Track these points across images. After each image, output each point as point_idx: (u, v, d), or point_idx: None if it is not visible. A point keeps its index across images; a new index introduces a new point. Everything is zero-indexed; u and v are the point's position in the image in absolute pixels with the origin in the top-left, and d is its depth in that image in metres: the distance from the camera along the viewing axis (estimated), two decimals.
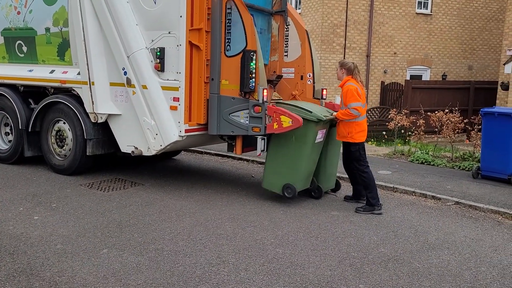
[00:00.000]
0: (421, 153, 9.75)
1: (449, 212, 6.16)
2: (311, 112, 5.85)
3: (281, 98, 7.39)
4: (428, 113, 10.14)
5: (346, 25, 15.81)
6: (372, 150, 10.98)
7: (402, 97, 14.97)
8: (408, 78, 16.63)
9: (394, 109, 11.65)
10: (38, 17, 7.06)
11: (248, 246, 4.57)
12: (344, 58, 15.85)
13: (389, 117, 11.34)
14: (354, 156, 6.01)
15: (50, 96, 7.09)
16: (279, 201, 6.22)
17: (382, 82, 16.65)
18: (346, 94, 5.84)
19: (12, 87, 7.50)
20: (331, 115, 6.19)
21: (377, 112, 14.93)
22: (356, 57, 16.16)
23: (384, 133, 12.02)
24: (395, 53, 16.76)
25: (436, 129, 10.02)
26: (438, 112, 10.04)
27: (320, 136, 6.10)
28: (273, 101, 6.68)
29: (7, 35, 7.47)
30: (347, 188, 7.11)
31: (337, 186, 6.87)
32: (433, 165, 9.05)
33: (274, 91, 7.46)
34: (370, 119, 14.25)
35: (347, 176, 6.58)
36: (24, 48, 7.34)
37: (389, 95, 16.36)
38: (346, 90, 5.86)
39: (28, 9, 7.14)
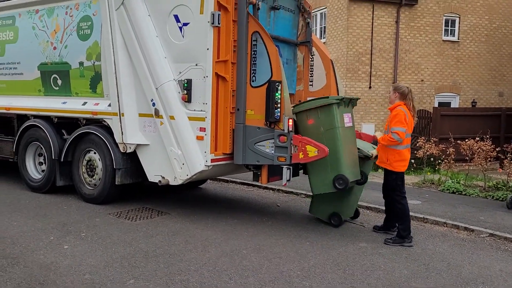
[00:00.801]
0: (452, 182, 9.50)
1: (483, 244, 5.93)
2: (327, 97, 6.10)
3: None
4: (458, 141, 9.93)
5: (371, 53, 15.83)
6: None
7: (431, 124, 14.73)
8: (436, 105, 16.39)
9: (423, 137, 11.45)
10: (72, 52, 7.38)
11: (274, 278, 4.50)
12: (370, 86, 15.84)
13: (417, 145, 11.15)
14: (390, 185, 5.86)
15: (82, 127, 7.32)
16: (305, 231, 6.14)
17: None
18: (394, 118, 5.64)
19: (47, 118, 7.79)
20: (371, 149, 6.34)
21: None
22: (382, 85, 16.10)
23: (412, 161, 11.77)
24: (422, 80, 16.61)
25: (467, 158, 9.77)
26: (469, 140, 9.82)
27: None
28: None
29: (43, 69, 7.81)
30: (373, 219, 6.97)
31: (356, 214, 6.74)
32: (465, 194, 8.79)
33: None
34: None
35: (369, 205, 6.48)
36: (59, 82, 7.66)
37: (417, 122, 16.10)
38: (395, 113, 5.67)
39: (64, 44, 7.48)
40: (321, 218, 6.57)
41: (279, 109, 5.83)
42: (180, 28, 6.28)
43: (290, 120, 5.84)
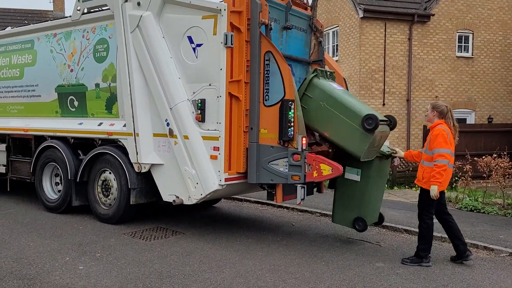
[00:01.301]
0: (470, 200, 9.33)
1: (503, 264, 5.78)
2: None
3: None
4: (475, 158, 9.78)
5: (384, 70, 15.83)
6: (416, 196, 10.59)
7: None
8: None
9: None
10: (89, 73, 7.53)
11: None
12: (384, 103, 15.78)
13: None
14: (421, 202, 5.67)
15: (98, 148, 7.41)
16: (321, 250, 6.06)
17: (424, 126, 16.30)
18: (436, 138, 5.39)
19: (63, 139, 7.91)
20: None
21: None
22: (396, 102, 16.04)
23: None
24: (436, 96, 16.50)
25: (485, 175, 9.60)
26: (486, 156, 9.67)
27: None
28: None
29: (60, 91, 7.97)
30: (389, 238, 6.86)
31: (381, 219, 6.65)
32: (484, 212, 8.61)
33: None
34: (413, 164, 13.87)
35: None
36: (76, 103, 7.80)
37: None
38: (437, 133, 5.42)
39: (80, 66, 7.64)
40: (345, 226, 6.56)
41: (292, 128, 5.83)
42: (194, 49, 6.37)
43: (304, 139, 5.83)
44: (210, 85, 6.20)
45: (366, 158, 6.05)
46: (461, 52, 16.83)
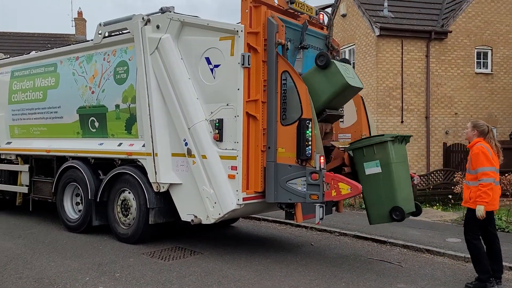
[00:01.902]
0: (496, 219, 9.08)
1: None
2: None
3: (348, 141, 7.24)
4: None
5: (402, 88, 15.75)
6: (438, 215, 10.42)
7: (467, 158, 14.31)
8: None
9: (459, 172, 11.11)
10: (109, 95, 7.69)
11: None
12: (402, 120, 15.65)
13: (454, 180, 10.82)
14: (466, 222, 5.46)
15: (117, 167, 7.51)
16: (341, 271, 5.97)
17: (444, 144, 16.10)
18: (477, 156, 5.23)
19: (84, 159, 8.05)
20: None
21: (441, 174, 14.31)
22: (415, 119, 15.89)
23: (450, 197, 11.42)
24: (456, 113, 16.31)
25: (508, 193, 9.37)
26: (509, 174, 9.45)
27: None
28: (340, 147, 6.83)
29: (82, 113, 8.15)
30: (411, 258, 6.71)
31: (418, 210, 6.61)
32: (508, 232, 8.38)
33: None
34: (434, 182, 13.66)
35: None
36: (96, 124, 7.95)
37: (453, 156, 15.72)
38: (477, 151, 5.26)
39: (101, 88, 7.82)
40: (383, 222, 6.41)
41: (310, 147, 5.82)
42: (212, 69, 6.47)
43: (322, 158, 5.81)
44: (227, 105, 6.26)
45: (355, 84, 6.33)
46: (480, 68, 16.66)
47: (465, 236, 5.51)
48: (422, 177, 13.66)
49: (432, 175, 14.19)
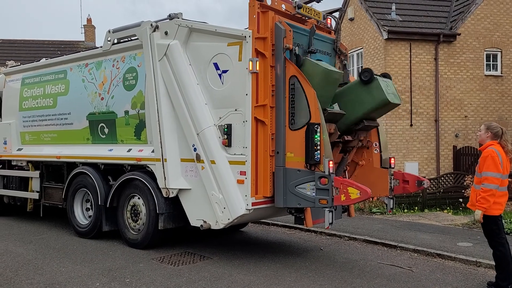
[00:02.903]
0: (505, 222, 8.98)
1: None
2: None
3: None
4: (509, 179, 9.45)
5: (411, 91, 15.66)
6: (448, 219, 10.33)
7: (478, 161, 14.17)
8: None
9: (470, 175, 11.02)
10: (118, 101, 7.75)
11: None
12: (411, 123, 15.56)
13: (465, 183, 10.72)
14: (485, 231, 5.37)
15: (127, 173, 7.55)
16: (351, 276, 5.93)
17: (454, 147, 15.97)
18: (485, 160, 5.19)
19: (94, 165, 8.11)
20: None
21: (451, 178, 14.19)
22: (424, 122, 15.79)
23: (460, 200, 11.32)
24: (466, 116, 16.17)
25: None
26: None
27: None
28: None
29: (91, 119, 8.22)
30: (421, 262, 6.65)
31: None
32: None
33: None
34: (444, 185, 13.55)
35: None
36: (106, 130, 8.01)
37: (463, 160, 15.58)
38: (486, 155, 5.19)
39: (111, 95, 7.88)
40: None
41: (319, 151, 5.81)
42: (220, 75, 6.50)
43: (331, 162, 5.80)
44: (236, 110, 6.28)
45: (393, 101, 6.63)
46: (490, 70, 16.52)
47: (490, 244, 5.37)
48: (432, 181, 13.54)
49: (442, 178, 14.06)
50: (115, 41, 7.85)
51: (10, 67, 10.98)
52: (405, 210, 11.52)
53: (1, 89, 10.30)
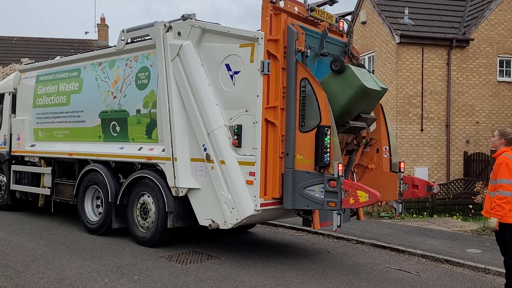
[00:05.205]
0: None
1: None
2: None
3: None
4: None
5: (422, 96, 15.58)
6: (458, 225, 10.25)
7: (489, 168, 14.05)
8: None
9: (481, 182, 10.94)
10: (130, 100, 7.83)
11: None
12: (422, 128, 15.48)
13: (475, 190, 10.65)
14: (498, 239, 5.26)
15: (137, 171, 7.63)
16: (358, 279, 5.93)
17: (465, 153, 15.85)
18: (500, 167, 5.11)
19: (105, 163, 8.20)
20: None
21: (461, 184, 14.09)
22: (435, 127, 15.70)
23: (470, 207, 11.24)
24: (477, 122, 16.05)
25: None
26: None
27: None
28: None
29: (103, 117, 8.32)
30: (429, 268, 6.62)
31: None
32: None
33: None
34: (454, 191, 13.46)
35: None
36: (117, 128, 8.10)
37: (473, 166, 15.46)
38: (501, 161, 5.14)
39: (123, 93, 7.96)
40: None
41: (328, 154, 5.83)
42: (231, 76, 6.54)
43: (340, 165, 5.80)
44: (246, 111, 6.32)
45: (373, 86, 6.41)
46: (503, 76, 16.38)
47: (502, 252, 5.28)
48: (441, 186, 13.46)
49: (452, 184, 13.97)
50: (129, 40, 7.94)
51: (25, 64, 11.15)
52: (414, 215, 11.47)
53: (16, 86, 10.46)
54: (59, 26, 59.62)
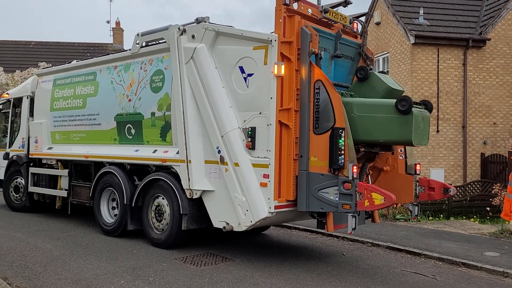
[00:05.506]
0: None
1: None
2: None
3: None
4: None
5: (438, 97, 15.39)
6: (475, 228, 10.10)
7: (507, 169, 13.81)
8: None
9: (498, 184, 10.76)
10: (145, 103, 7.90)
11: None
12: (438, 129, 15.29)
13: (493, 192, 10.48)
14: None
15: (152, 174, 7.69)
16: (373, 283, 5.88)
17: (482, 154, 15.60)
18: None
19: (120, 165, 8.28)
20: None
21: (478, 186, 13.87)
22: (451, 128, 15.49)
23: (488, 209, 11.06)
24: (494, 123, 15.78)
25: None
26: None
27: None
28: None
29: (119, 120, 8.41)
30: (446, 271, 6.54)
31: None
32: None
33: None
34: (471, 193, 13.25)
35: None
36: (132, 131, 8.18)
37: (491, 167, 15.21)
38: None
39: (138, 96, 8.04)
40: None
41: (343, 156, 5.80)
42: (245, 78, 6.56)
43: (355, 167, 5.77)
44: (260, 113, 6.32)
45: (419, 143, 6.06)
46: None
47: None
48: (458, 188, 13.27)
49: (469, 186, 13.76)
50: (144, 44, 8.02)
51: (42, 68, 11.33)
52: (430, 218, 11.34)
53: (33, 89, 10.65)
54: (75, 31, 60.51)
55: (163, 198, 7.45)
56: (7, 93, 12.02)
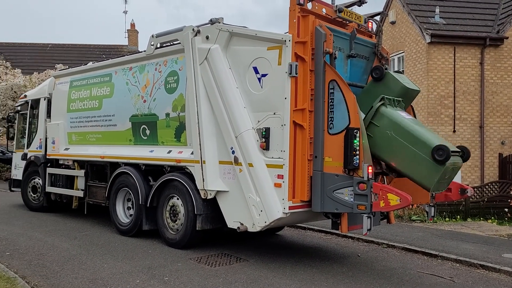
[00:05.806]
0: None
1: None
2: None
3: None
4: None
5: (454, 96, 15.19)
6: (493, 229, 9.94)
7: None
8: None
9: None
10: (160, 104, 7.96)
11: None
12: (454, 129, 15.09)
13: (511, 192, 10.30)
14: None
15: (167, 174, 7.73)
16: (389, 284, 5.82)
17: (500, 154, 15.34)
18: None
19: (136, 166, 8.35)
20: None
21: (496, 187, 13.65)
22: (468, 128, 15.27)
23: (506, 210, 10.86)
24: None
25: None
26: None
27: None
28: None
29: (134, 121, 8.48)
30: (463, 273, 6.44)
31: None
32: None
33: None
34: (489, 194, 13.04)
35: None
36: (147, 132, 8.24)
37: (509, 168, 14.94)
38: None
39: (152, 97, 8.10)
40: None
41: (357, 156, 5.75)
42: (259, 79, 6.55)
43: (370, 168, 5.71)
44: (274, 113, 6.31)
45: (436, 190, 5.83)
46: None
47: None
48: (475, 189, 13.07)
49: (487, 187, 13.55)
50: (158, 45, 8.07)
51: (59, 70, 11.50)
52: (447, 219, 11.19)
53: (51, 91, 10.81)
54: (90, 33, 61.31)
55: (177, 199, 7.49)
56: (25, 95, 12.24)
